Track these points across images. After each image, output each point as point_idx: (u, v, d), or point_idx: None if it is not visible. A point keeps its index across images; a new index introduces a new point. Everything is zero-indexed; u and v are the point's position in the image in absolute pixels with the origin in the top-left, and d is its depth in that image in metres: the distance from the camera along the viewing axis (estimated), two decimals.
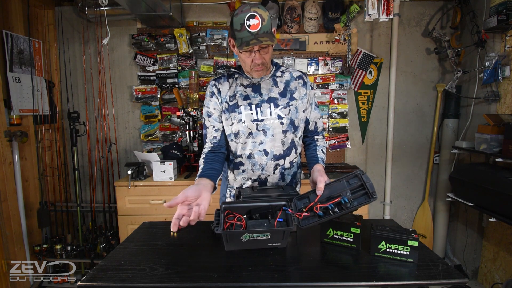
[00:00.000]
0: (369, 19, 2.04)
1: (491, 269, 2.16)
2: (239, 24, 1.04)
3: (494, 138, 1.85)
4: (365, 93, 2.56)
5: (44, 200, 2.36)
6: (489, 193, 1.73)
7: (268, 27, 1.05)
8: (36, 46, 2.34)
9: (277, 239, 0.96)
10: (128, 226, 2.12)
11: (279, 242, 0.97)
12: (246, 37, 1.03)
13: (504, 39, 2.01)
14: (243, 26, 1.03)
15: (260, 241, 0.96)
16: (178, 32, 2.40)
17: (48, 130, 2.40)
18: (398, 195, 2.67)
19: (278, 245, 0.98)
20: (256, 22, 1.03)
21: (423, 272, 0.87)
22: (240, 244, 0.96)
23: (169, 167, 2.07)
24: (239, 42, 1.05)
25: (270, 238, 0.95)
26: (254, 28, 1.03)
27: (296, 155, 1.28)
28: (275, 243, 0.97)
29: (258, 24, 1.03)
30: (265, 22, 1.04)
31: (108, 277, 0.86)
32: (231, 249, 0.98)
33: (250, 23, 1.02)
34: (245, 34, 1.03)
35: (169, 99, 2.54)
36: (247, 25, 1.02)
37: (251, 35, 1.03)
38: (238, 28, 1.04)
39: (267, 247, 0.98)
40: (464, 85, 2.40)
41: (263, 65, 1.13)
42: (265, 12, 1.05)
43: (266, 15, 1.05)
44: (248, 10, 1.03)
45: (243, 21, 1.03)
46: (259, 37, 1.03)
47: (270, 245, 0.97)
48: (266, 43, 1.03)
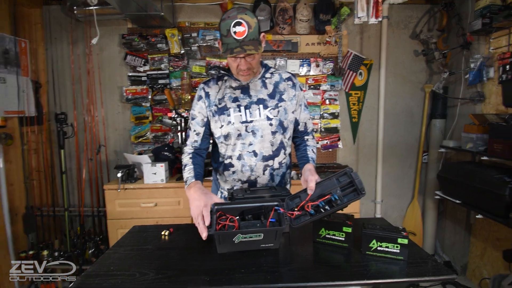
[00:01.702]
0: (359, 21, 2.07)
1: (479, 265, 2.21)
2: (225, 30, 1.03)
3: (480, 137, 1.90)
4: (355, 94, 2.60)
5: (30, 204, 2.29)
6: (475, 190, 1.77)
7: (255, 34, 1.04)
8: (23, 46, 2.28)
9: (270, 239, 0.96)
10: (118, 230, 2.08)
11: (272, 243, 0.97)
12: (231, 44, 1.03)
13: (488, 42, 2.07)
14: (229, 32, 1.02)
15: (253, 242, 0.95)
16: (170, 33, 2.38)
17: (34, 132, 2.34)
18: (388, 194, 2.71)
19: (270, 246, 0.98)
20: (242, 29, 1.02)
21: (413, 269, 0.89)
22: (232, 246, 0.96)
23: (160, 169, 2.04)
24: (225, 47, 1.05)
25: (262, 239, 0.95)
26: (240, 36, 1.02)
27: (285, 156, 1.28)
28: (267, 244, 0.97)
29: (244, 31, 1.02)
30: (252, 29, 1.03)
31: (97, 283, 0.85)
32: (224, 251, 0.98)
33: (236, 30, 1.02)
34: (231, 40, 1.03)
35: (160, 100, 2.51)
36: (233, 32, 1.02)
37: (236, 42, 1.02)
38: (225, 33, 1.04)
39: (259, 248, 0.98)
40: (451, 86, 2.46)
41: (249, 70, 1.13)
42: (252, 18, 1.04)
43: (254, 22, 1.04)
44: (234, 17, 1.02)
45: (229, 27, 1.02)
46: (244, 45, 1.02)
47: (263, 246, 0.97)
48: (250, 52, 1.03)
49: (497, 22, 1.82)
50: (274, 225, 0.99)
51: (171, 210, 2.07)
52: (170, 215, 2.07)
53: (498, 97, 2.00)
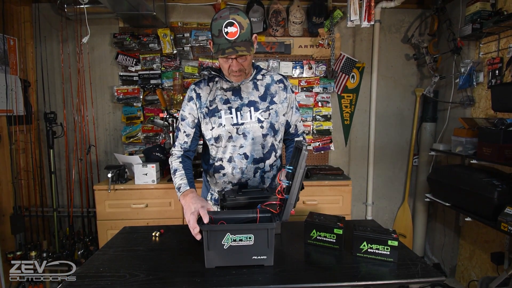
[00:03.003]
0: (352, 24, 2.09)
1: (468, 267, 2.25)
2: (217, 30, 1.02)
3: (469, 140, 1.93)
4: (348, 97, 2.62)
5: (18, 205, 2.24)
6: (464, 193, 1.80)
7: (247, 35, 1.04)
8: (11, 44, 2.23)
9: (262, 246, 0.90)
10: (108, 231, 2.05)
11: (265, 254, 0.90)
12: (223, 45, 1.02)
13: (478, 47, 2.11)
14: (220, 32, 1.01)
15: (244, 252, 0.90)
16: (162, 32, 2.37)
17: (22, 132, 2.29)
18: (379, 196, 2.74)
19: (263, 258, 0.90)
20: (234, 30, 1.01)
21: (403, 271, 0.90)
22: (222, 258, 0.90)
23: (151, 169, 2.02)
24: (216, 48, 1.04)
25: (254, 246, 0.89)
26: (232, 36, 1.01)
27: (276, 158, 1.28)
28: (260, 256, 0.90)
29: (236, 32, 1.01)
30: (244, 30, 1.02)
31: (86, 285, 0.83)
32: (212, 265, 0.91)
33: (228, 31, 1.01)
34: (223, 41, 1.02)
35: (152, 100, 2.48)
36: (225, 32, 1.01)
37: (228, 42, 1.02)
38: (216, 34, 1.03)
39: (251, 262, 0.91)
40: (441, 90, 2.51)
41: (241, 71, 1.12)
42: (245, 19, 1.03)
43: (246, 22, 1.03)
44: (227, 17, 1.01)
45: (221, 28, 1.01)
46: (236, 46, 1.01)
47: (255, 258, 0.90)
48: (242, 53, 1.02)
49: (487, 28, 1.86)
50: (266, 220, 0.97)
51: (162, 211, 2.05)
52: (161, 216, 2.05)
53: (488, 101, 2.04)
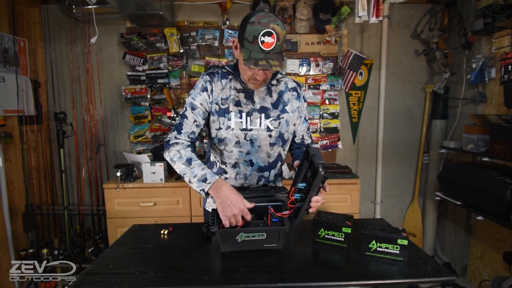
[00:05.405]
0: (359, 21, 2.06)
1: (479, 266, 2.21)
2: (252, 36, 0.95)
3: (481, 138, 1.89)
4: (356, 94, 2.59)
5: (29, 203, 2.29)
6: (476, 192, 1.77)
7: (281, 46, 0.98)
8: (21, 45, 2.27)
9: (273, 239, 0.96)
10: (117, 229, 2.08)
11: (275, 243, 0.97)
12: (256, 54, 0.96)
13: (490, 41, 2.06)
14: (256, 39, 0.95)
15: (256, 242, 0.96)
16: (169, 32, 2.38)
17: (33, 131, 2.33)
18: (388, 194, 2.70)
19: (274, 246, 0.98)
20: (271, 40, 0.94)
21: (413, 270, 0.88)
22: (236, 245, 0.96)
23: (159, 168, 2.04)
24: (247, 55, 0.97)
25: (266, 239, 0.95)
26: (267, 47, 0.95)
27: (280, 168, 1.26)
28: (271, 244, 0.97)
29: (273, 43, 0.95)
30: (280, 42, 0.96)
31: (96, 282, 0.85)
32: (227, 250, 0.98)
33: (264, 40, 0.94)
34: (256, 49, 0.96)
35: (159, 99, 2.50)
36: (261, 41, 0.94)
37: (262, 53, 0.96)
38: (250, 39, 0.96)
39: (263, 248, 0.98)
40: (452, 86, 2.45)
41: (264, 81, 1.07)
42: (282, 30, 0.97)
43: (283, 34, 0.97)
44: (266, 25, 0.94)
45: (257, 35, 0.94)
46: (270, 59, 0.95)
47: (266, 246, 0.97)
48: (276, 69, 0.96)
49: (499, 22, 1.81)
50: (277, 225, 0.99)
51: (170, 209, 2.07)
52: (169, 214, 2.07)
53: (500, 97, 1.99)
